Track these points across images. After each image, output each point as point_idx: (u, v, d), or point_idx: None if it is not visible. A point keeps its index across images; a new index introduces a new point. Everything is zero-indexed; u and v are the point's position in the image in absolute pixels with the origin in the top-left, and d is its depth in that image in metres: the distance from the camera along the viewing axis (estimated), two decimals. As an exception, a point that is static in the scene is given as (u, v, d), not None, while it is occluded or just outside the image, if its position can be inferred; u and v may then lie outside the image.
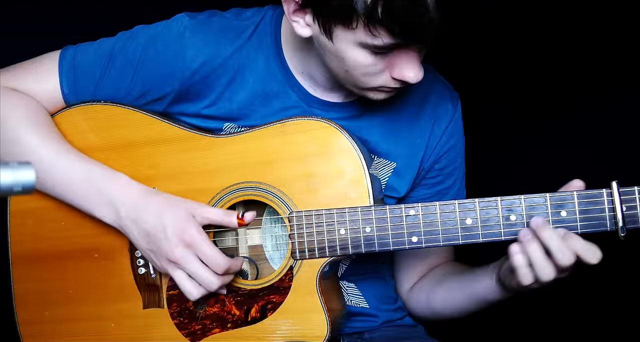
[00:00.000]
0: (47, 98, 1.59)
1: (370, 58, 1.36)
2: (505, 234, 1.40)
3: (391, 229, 1.43)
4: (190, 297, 1.46)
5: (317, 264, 1.47)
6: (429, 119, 1.61)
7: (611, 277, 2.00)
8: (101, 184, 1.49)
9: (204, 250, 1.43)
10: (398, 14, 1.25)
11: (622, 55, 2.12)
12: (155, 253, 1.46)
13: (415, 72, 1.38)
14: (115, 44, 1.57)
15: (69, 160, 1.51)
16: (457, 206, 1.41)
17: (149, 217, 1.45)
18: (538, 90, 2.22)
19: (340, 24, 1.32)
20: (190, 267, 1.43)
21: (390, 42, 1.31)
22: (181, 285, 1.46)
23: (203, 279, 1.44)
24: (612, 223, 1.36)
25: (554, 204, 1.38)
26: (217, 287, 1.45)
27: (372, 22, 1.28)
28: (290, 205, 1.48)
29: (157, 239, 1.44)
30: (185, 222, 1.43)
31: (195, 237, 1.43)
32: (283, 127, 1.50)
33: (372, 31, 1.29)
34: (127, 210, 1.46)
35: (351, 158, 1.47)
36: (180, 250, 1.43)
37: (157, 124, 1.56)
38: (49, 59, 1.60)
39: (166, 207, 1.45)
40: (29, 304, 1.60)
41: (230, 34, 1.54)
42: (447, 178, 1.66)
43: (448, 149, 1.64)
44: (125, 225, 1.47)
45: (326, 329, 1.46)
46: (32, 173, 0.94)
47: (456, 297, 1.61)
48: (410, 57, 1.37)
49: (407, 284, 1.74)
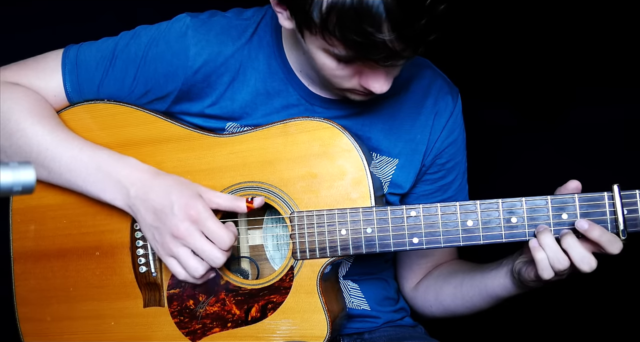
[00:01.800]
0: (50, 96, 1.59)
1: (335, 64, 1.36)
2: (506, 236, 1.40)
3: (392, 230, 1.43)
4: (196, 273, 1.43)
5: (318, 265, 1.47)
6: (430, 114, 1.62)
7: (612, 280, 2.00)
8: (110, 167, 1.49)
9: (209, 225, 1.41)
10: (348, 30, 1.25)
11: (624, 56, 2.12)
12: (160, 230, 1.44)
13: (380, 85, 1.38)
14: (118, 43, 1.57)
15: (76, 147, 1.52)
16: (458, 207, 1.42)
17: (156, 195, 1.44)
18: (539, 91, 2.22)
19: (305, 27, 1.32)
20: (196, 243, 1.41)
21: (347, 54, 1.31)
22: (185, 262, 1.43)
23: (208, 254, 1.41)
24: (613, 226, 1.37)
25: (555, 207, 1.39)
26: (221, 263, 1.43)
27: (326, 32, 1.28)
28: (292, 205, 1.48)
29: (163, 214, 1.43)
30: (192, 199, 1.42)
31: (202, 213, 1.41)
32: (285, 127, 1.50)
33: (327, 41, 1.30)
34: (137, 189, 1.46)
35: (353, 158, 1.47)
36: (186, 225, 1.41)
37: (160, 123, 1.56)
38: (52, 58, 1.60)
39: (174, 186, 1.45)
40: (29, 301, 1.60)
41: (232, 33, 1.54)
42: (448, 173, 1.66)
43: (449, 144, 1.64)
44: (133, 204, 1.46)
45: (326, 330, 1.46)
46: (32, 173, 0.94)
47: (467, 293, 1.61)
48: (377, 69, 1.37)
49: (411, 282, 1.74)
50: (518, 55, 2.20)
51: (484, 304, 1.61)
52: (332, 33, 1.27)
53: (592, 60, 2.14)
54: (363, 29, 1.23)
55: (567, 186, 1.41)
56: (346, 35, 1.25)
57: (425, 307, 1.72)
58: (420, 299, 1.73)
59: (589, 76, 2.14)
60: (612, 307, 2.15)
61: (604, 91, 2.14)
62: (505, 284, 1.53)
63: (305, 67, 1.53)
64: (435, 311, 1.71)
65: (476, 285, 1.59)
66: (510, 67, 2.21)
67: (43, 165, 1.51)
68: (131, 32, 1.58)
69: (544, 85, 2.21)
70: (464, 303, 1.64)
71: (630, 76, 2.10)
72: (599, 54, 2.13)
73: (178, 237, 1.42)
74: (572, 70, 2.16)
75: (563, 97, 2.20)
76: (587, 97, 2.15)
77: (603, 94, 2.15)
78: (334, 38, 1.28)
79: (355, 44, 1.27)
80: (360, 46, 1.27)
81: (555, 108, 2.21)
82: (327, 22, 1.26)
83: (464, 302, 1.63)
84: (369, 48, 1.27)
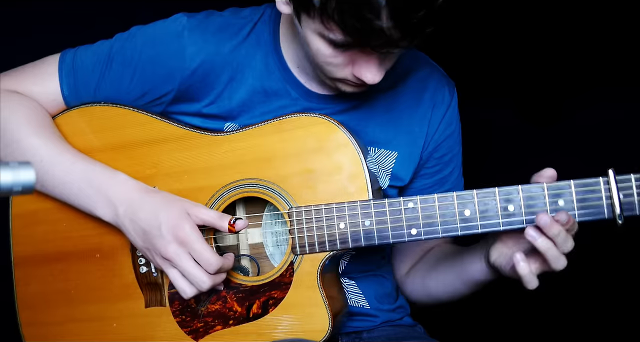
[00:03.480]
0: (48, 100, 1.60)
1: (330, 50, 1.37)
2: (503, 224, 1.40)
3: (390, 222, 1.44)
4: (184, 295, 1.45)
5: (318, 259, 1.48)
6: (428, 106, 1.63)
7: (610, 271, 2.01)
8: (100, 183, 1.50)
9: (196, 248, 1.42)
10: (347, 15, 1.26)
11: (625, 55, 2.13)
12: (151, 251, 1.46)
13: (373, 74, 1.39)
14: (113, 45, 1.58)
15: (68, 160, 1.53)
16: (455, 197, 1.42)
17: (144, 215, 1.45)
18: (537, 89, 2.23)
19: (302, 10, 1.34)
20: (183, 265, 1.42)
21: (344, 39, 1.32)
22: (175, 283, 1.45)
23: (193, 277, 1.42)
24: (610, 211, 1.37)
25: (551, 194, 1.39)
26: (208, 287, 1.43)
27: (325, 16, 1.29)
28: (290, 201, 1.49)
29: (152, 236, 1.44)
30: (180, 220, 1.43)
31: (189, 235, 1.42)
32: (280, 124, 1.51)
33: (325, 25, 1.31)
34: (125, 208, 1.47)
35: (349, 153, 1.48)
36: (174, 247, 1.42)
37: (156, 124, 1.57)
38: (49, 63, 1.62)
39: (162, 205, 1.46)
40: (31, 305, 1.61)
41: (228, 32, 1.56)
42: (445, 166, 1.67)
43: (446, 137, 1.65)
44: (122, 223, 1.48)
45: (328, 324, 1.46)
46: (32, 173, 0.95)
47: (448, 279, 1.62)
48: (370, 57, 1.38)
49: (403, 269, 1.75)
50: (517, 53, 2.22)
51: (465, 289, 1.61)
52: (331, 17, 1.28)
53: (592, 61, 2.15)
54: (362, 15, 1.25)
55: (543, 173, 1.41)
56: (345, 19, 1.27)
57: (414, 292, 1.73)
58: (409, 286, 1.74)
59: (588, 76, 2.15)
60: (611, 306, 2.15)
61: (605, 91, 2.15)
62: (485, 271, 1.53)
63: (302, 61, 1.54)
64: (422, 297, 1.72)
65: (456, 271, 1.59)
66: (509, 65, 2.22)
67: (37, 178, 1.51)
68: (126, 34, 1.59)
69: (543, 83, 2.22)
70: (445, 289, 1.64)
71: (630, 76, 2.11)
72: (599, 54, 2.15)
73: (167, 259, 1.43)
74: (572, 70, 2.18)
75: (561, 95, 2.21)
76: (587, 96, 2.17)
77: (603, 94, 2.16)
78: (332, 22, 1.29)
79: (353, 29, 1.28)
80: (358, 32, 1.28)
81: (554, 106, 2.22)
82: (326, 5, 1.27)
83: (445, 288, 1.64)
84: (367, 34, 1.28)
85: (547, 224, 1.34)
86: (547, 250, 1.36)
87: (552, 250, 1.36)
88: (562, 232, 1.35)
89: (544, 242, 1.35)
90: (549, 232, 1.35)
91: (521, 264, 1.37)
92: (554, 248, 1.36)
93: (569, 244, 1.36)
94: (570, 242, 1.37)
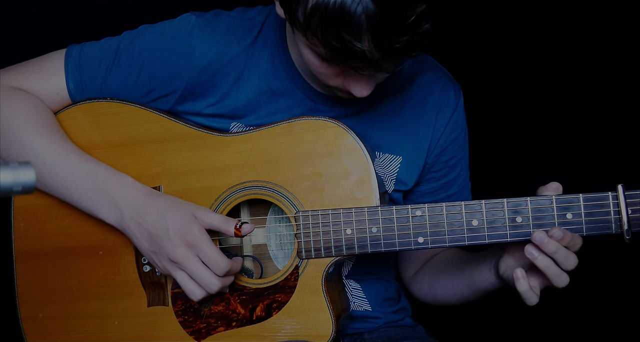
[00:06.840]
0: (53, 96, 1.58)
1: (319, 61, 1.36)
2: (511, 235, 1.40)
3: (397, 229, 1.44)
4: (193, 298, 1.46)
5: (323, 264, 1.47)
6: (433, 111, 1.62)
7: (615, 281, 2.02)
8: (105, 186, 1.48)
9: (205, 251, 1.42)
10: (328, 35, 1.25)
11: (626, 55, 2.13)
12: (157, 254, 1.45)
13: (360, 89, 1.38)
14: (121, 42, 1.56)
15: (72, 161, 1.51)
16: (464, 207, 1.42)
17: (151, 218, 1.44)
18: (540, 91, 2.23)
19: (290, 22, 1.33)
20: (192, 268, 1.43)
21: (328, 56, 1.31)
22: (184, 286, 1.45)
23: (203, 279, 1.43)
24: (618, 226, 1.37)
25: (559, 207, 1.39)
26: (217, 289, 1.44)
27: (309, 32, 1.28)
28: (297, 204, 1.48)
29: (159, 239, 1.43)
30: (188, 223, 1.43)
31: (198, 238, 1.42)
32: (290, 127, 1.50)
33: (309, 40, 1.30)
34: (130, 211, 1.46)
35: (358, 158, 1.47)
36: (183, 250, 1.42)
37: (163, 122, 1.56)
38: (55, 58, 1.59)
39: (169, 209, 1.45)
40: (32, 300, 1.60)
41: (237, 33, 1.54)
42: (452, 170, 1.67)
43: (452, 141, 1.64)
44: (127, 226, 1.47)
45: (331, 329, 1.47)
46: (32, 173, 0.94)
47: (457, 286, 1.62)
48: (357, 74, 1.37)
49: (409, 272, 1.76)
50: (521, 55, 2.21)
51: (473, 296, 1.61)
52: (314, 33, 1.27)
53: (592, 61, 2.15)
54: (342, 36, 1.24)
55: (548, 186, 1.41)
56: (327, 38, 1.26)
57: (421, 295, 1.74)
58: (416, 288, 1.74)
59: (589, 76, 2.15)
60: (612, 307, 2.16)
61: (605, 91, 2.15)
62: (490, 279, 1.53)
63: (302, 64, 1.52)
64: (430, 300, 1.73)
65: (465, 279, 1.60)
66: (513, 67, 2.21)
67: (40, 179, 1.50)
68: (134, 31, 1.57)
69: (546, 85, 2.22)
70: (454, 295, 1.65)
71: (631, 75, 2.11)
72: (599, 54, 2.14)
73: (175, 262, 1.43)
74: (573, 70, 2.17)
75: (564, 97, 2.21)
76: (588, 96, 2.17)
77: (604, 94, 2.16)
78: (316, 38, 1.28)
79: (334, 49, 1.27)
80: (339, 52, 1.27)
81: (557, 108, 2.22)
82: (310, 22, 1.26)
83: (454, 295, 1.65)
84: (347, 55, 1.27)
85: (543, 242, 1.34)
86: (547, 268, 1.36)
87: (552, 268, 1.36)
88: (560, 249, 1.35)
89: (544, 260, 1.36)
90: (546, 250, 1.35)
91: (520, 280, 1.38)
92: (553, 266, 1.36)
93: (571, 262, 1.36)
94: (573, 259, 1.36)
